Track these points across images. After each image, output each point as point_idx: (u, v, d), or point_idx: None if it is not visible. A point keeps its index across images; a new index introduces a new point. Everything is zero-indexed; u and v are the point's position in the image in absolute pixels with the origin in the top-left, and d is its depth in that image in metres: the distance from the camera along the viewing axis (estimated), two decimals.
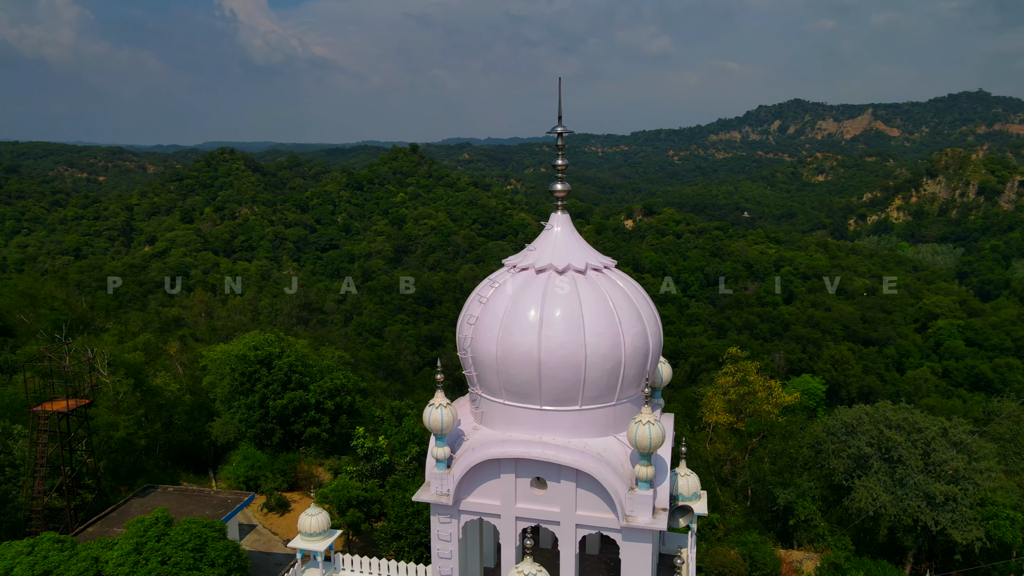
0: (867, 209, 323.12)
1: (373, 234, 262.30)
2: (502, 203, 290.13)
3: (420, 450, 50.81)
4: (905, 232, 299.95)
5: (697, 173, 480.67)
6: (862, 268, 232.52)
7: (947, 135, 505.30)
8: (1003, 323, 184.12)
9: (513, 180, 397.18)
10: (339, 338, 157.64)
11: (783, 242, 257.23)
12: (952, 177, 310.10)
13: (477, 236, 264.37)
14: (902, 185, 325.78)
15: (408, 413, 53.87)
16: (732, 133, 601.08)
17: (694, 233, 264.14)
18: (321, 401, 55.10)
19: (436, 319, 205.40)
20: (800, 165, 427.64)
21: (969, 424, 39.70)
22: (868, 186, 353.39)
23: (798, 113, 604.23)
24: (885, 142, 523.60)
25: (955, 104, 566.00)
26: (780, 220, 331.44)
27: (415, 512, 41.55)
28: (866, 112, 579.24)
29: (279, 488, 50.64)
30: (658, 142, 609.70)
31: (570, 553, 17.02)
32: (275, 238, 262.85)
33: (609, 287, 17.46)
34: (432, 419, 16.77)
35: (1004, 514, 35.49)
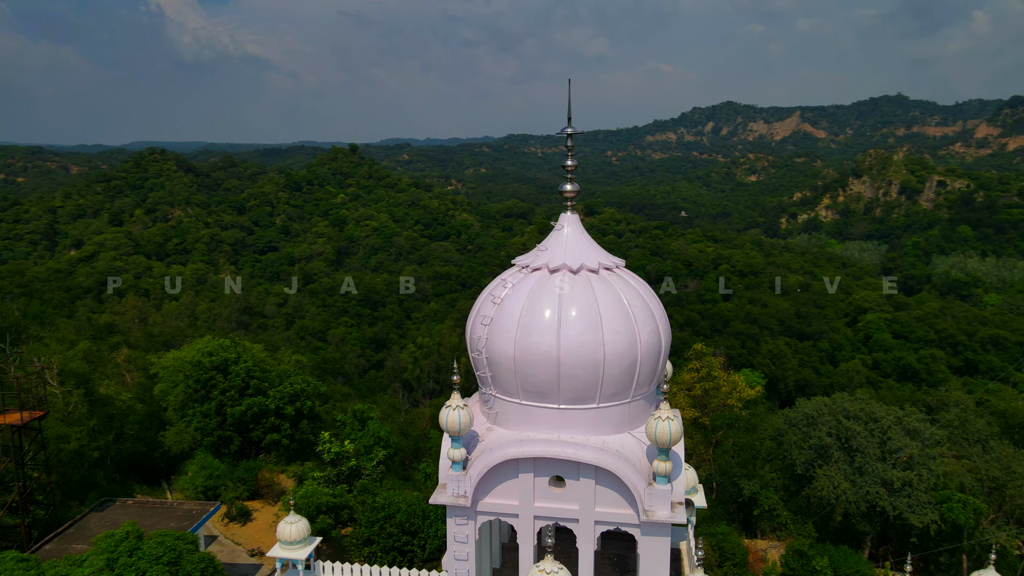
0: (798, 208, 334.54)
1: (314, 236, 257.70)
2: (444, 204, 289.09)
3: (387, 453, 50.40)
4: (833, 230, 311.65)
5: (635, 173, 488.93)
6: (795, 265, 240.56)
7: (869, 137, 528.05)
8: (926, 316, 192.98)
9: (454, 180, 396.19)
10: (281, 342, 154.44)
11: (720, 240, 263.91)
12: (876, 177, 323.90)
13: (420, 237, 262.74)
14: (830, 185, 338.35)
15: (371, 416, 53.29)
16: (668, 134, 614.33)
17: (635, 232, 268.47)
18: (281, 407, 53.95)
19: (380, 321, 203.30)
20: (733, 166, 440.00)
21: (920, 413, 41.76)
22: (798, 186, 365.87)
23: (730, 115, 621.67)
24: (812, 143, 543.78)
25: (876, 107, 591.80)
26: (716, 219, 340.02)
27: (387, 516, 41.19)
28: (794, 114, 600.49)
29: (240, 497, 49.38)
30: (596, 143, 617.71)
31: (588, 550, 17.25)
32: (211, 241, 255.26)
33: (622, 286, 17.77)
34: (450, 421, 16.74)
35: (956, 497, 37.45)
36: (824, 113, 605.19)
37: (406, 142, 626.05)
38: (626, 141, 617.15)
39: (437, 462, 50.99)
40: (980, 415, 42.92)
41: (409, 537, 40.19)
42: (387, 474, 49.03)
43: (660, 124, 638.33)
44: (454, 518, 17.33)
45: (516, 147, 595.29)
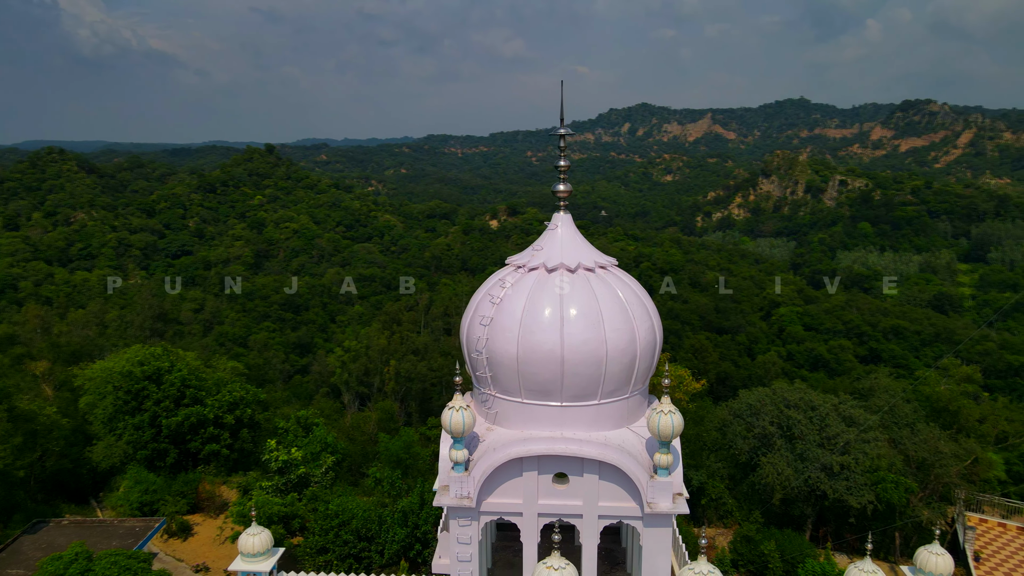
0: (712, 207, 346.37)
1: (231, 239, 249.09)
2: (366, 205, 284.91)
3: (336, 459, 49.42)
4: (745, 228, 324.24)
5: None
6: (712, 262, 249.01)
7: (776, 138, 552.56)
8: (834, 308, 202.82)
9: (374, 181, 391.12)
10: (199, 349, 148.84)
11: (641, 239, 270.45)
12: (783, 177, 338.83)
13: (342, 239, 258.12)
14: (741, 184, 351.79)
15: (317, 422, 52.16)
16: (586, 135, 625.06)
17: None
18: (220, 416, 52.09)
19: (304, 325, 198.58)
20: (650, 166, 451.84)
21: (854, 400, 44.20)
22: (711, 185, 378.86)
23: (646, 116, 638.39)
24: (723, 144, 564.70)
25: (781, 110, 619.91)
26: (635, 218, 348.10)
27: (341, 523, 40.49)
28: (706, 116, 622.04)
29: (180, 511, 47.45)
30: (516, 143, 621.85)
31: (592, 545, 17.55)
32: (118, 245, 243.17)
33: (618, 284, 18.16)
34: (453, 422, 16.70)
35: (890, 478, 39.84)
36: (734, 115, 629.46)
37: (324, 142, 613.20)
38: (545, 141, 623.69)
39: (387, 466, 50.31)
40: (907, 400, 45.95)
41: (366, 543, 39.62)
42: (337, 481, 48.13)
43: (578, 125, 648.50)
44: (457, 519, 17.31)
45: (436, 148, 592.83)
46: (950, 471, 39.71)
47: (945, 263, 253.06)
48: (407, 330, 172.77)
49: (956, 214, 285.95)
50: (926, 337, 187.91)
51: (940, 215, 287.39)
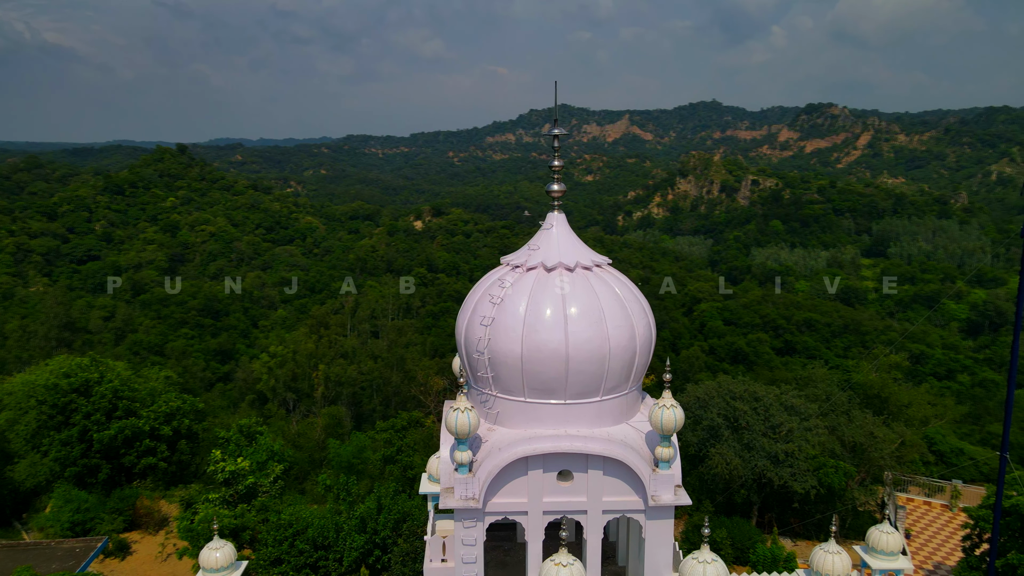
0: (632, 206, 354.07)
1: (142, 243, 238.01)
2: (286, 206, 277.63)
3: (284, 468, 48.05)
4: (665, 226, 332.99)
5: (477, 174, 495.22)
6: (635, 260, 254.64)
7: (691, 139, 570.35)
8: (751, 303, 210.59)
9: (293, 182, 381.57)
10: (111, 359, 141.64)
11: None
12: (699, 177, 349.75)
13: (262, 241, 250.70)
14: (660, 184, 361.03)
15: (260, 431, 50.59)
16: (507, 135, 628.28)
17: (483, 232, 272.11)
18: (156, 428, 49.86)
19: (224, 331, 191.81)
20: (571, 166, 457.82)
21: (794, 390, 46.21)
22: (631, 185, 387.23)
23: (565, 117, 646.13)
24: (641, 145, 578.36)
25: (695, 112, 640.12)
26: None
27: (296, 533, 39.46)
28: (624, 118, 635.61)
29: (117, 530, 45.22)
30: (437, 143, 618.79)
31: (596, 540, 17.76)
32: (17, 251, 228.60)
33: (615, 282, 18.46)
34: (459, 423, 16.59)
35: (830, 464, 41.88)
36: (650, 116, 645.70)
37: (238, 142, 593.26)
38: (467, 142, 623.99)
39: (338, 472, 49.29)
40: (842, 388, 48.36)
41: (323, 552, 38.73)
42: (286, 490, 46.82)
43: (499, 125, 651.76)
44: (462, 521, 17.20)
45: (356, 148, 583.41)
46: (883, 454, 42.03)
47: (850, 258, 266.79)
48: (335, 334, 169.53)
49: (858, 212, 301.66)
50: (836, 329, 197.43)
51: (844, 213, 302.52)
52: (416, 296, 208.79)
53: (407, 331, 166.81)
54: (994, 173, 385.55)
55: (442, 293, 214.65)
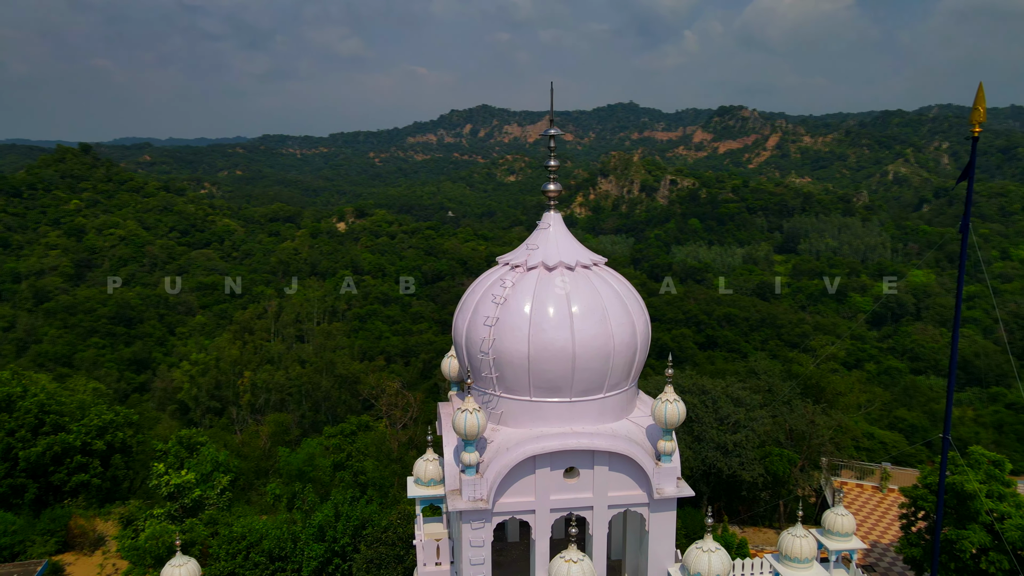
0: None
1: (44, 248, 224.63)
2: (202, 208, 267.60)
3: (231, 478, 46.34)
4: (588, 225, 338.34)
5: (399, 175, 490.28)
6: None
7: (610, 140, 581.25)
8: (673, 300, 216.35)
9: (207, 184, 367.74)
10: None
11: (491, 238, 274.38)
12: (620, 177, 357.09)
13: (177, 245, 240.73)
14: (582, 184, 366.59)
15: (202, 441, 48.68)
16: (428, 136, 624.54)
17: (407, 233, 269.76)
18: (88, 443, 47.24)
19: (139, 339, 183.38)
20: (493, 166, 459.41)
21: (739, 382, 47.89)
22: None
23: (486, 118, 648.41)
24: (562, 145, 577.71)
25: (613, 113, 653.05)
26: (482, 218, 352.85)
27: (250, 545, 38.24)
28: (544, 118, 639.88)
29: (49, 552, 42.64)
30: (357, 144, 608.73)
31: (601, 535, 17.96)
32: None
33: (613, 280, 18.73)
34: (468, 424, 16.47)
35: (775, 452, 43.63)
36: (570, 117, 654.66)
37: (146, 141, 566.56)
38: (387, 142, 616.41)
39: (288, 480, 47.95)
40: (784, 379, 50.48)
41: (280, 563, 37.66)
42: (234, 501, 45.17)
43: (420, 126, 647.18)
44: (470, 523, 17.08)
45: (273, 148, 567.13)
46: (824, 440, 44.12)
47: (764, 255, 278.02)
48: (260, 339, 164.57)
49: (770, 210, 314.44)
50: (753, 323, 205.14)
51: (757, 211, 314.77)
52: (343, 299, 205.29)
53: (336, 335, 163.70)
54: (891, 173, 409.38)
55: (368, 295, 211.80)
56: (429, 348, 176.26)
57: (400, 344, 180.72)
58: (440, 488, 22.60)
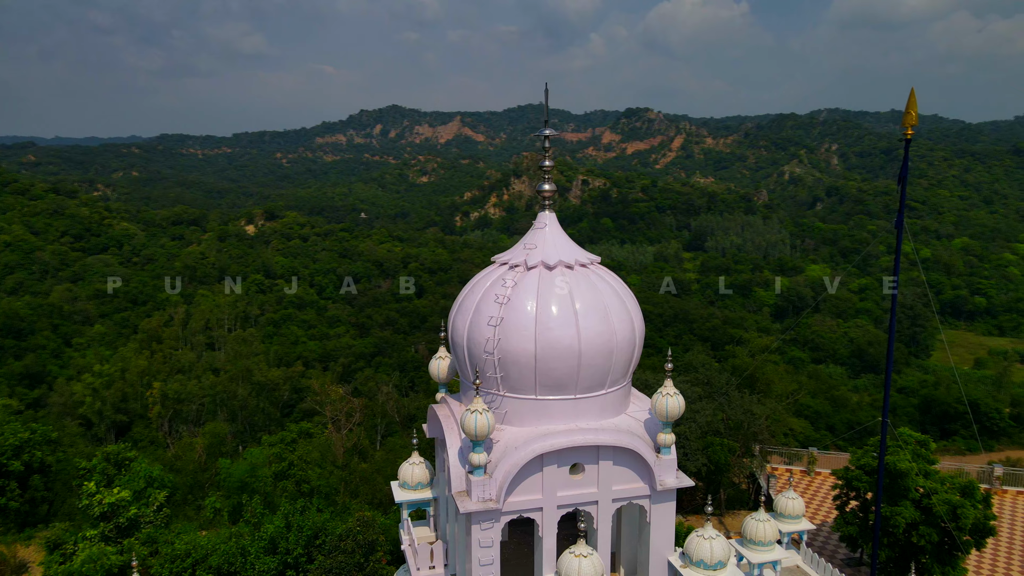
0: (469, 206, 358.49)
1: None
2: (97, 212, 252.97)
3: (167, 494, 44.06)
4: (502, 226, 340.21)
5: (308, 175, 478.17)
6: (478, 260, 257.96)
7: (521, 140, 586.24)
8: None
9: (100, 185, 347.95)
10: None
11: (406, 239, 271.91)
12: (533, 177, 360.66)
13: (70, 251, 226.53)
14: (495, 185, 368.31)
15: (130, 457, 46.12)
16: (337, 136, 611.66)
17: (320, 236, 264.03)
18: (4, 464, 43.96)
19: (30, 351, 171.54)
20: (406, 167, 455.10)
21: (680, 376, 49.41)
22: (467, 186, 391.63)
23: (397, 118, 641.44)
24: (474, 146, 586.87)
25: (524, 114, 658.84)
26: (396, 219, 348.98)
27: (196, 562, 36.66)
28: (455, 119, 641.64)
29: None
30: (263, 144, 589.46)
31: (606, 529, 18.22)
32: None
33: (609, 278, 19.04)
34: (479, 425, 16.38)
35: (716, 442, 45.32)
36: (481, 118, 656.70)
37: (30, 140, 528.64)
38: (295, 143, 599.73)
39: (225, 493, 46.14)
40: (721, 372, 52.42)
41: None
42: (172, 518, 42.96)
43: (329, 126, 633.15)
44: (479, 524, 16.99)
45: (172, 148, 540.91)
46: (760, 429, 46.15)
47: (674, 252, 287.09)
48: (169, 348, 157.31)
49: (678, 209, 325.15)
50: (667, 319, 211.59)
51: (666, 210, 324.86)
52: (255, 303, 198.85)
53: (251, 341, 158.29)
54: (787, 173, 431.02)
55: (282, 300, 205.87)
56: (348, 352, 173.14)
57: (318, 349, 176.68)
58: (427, 491, 22.40)
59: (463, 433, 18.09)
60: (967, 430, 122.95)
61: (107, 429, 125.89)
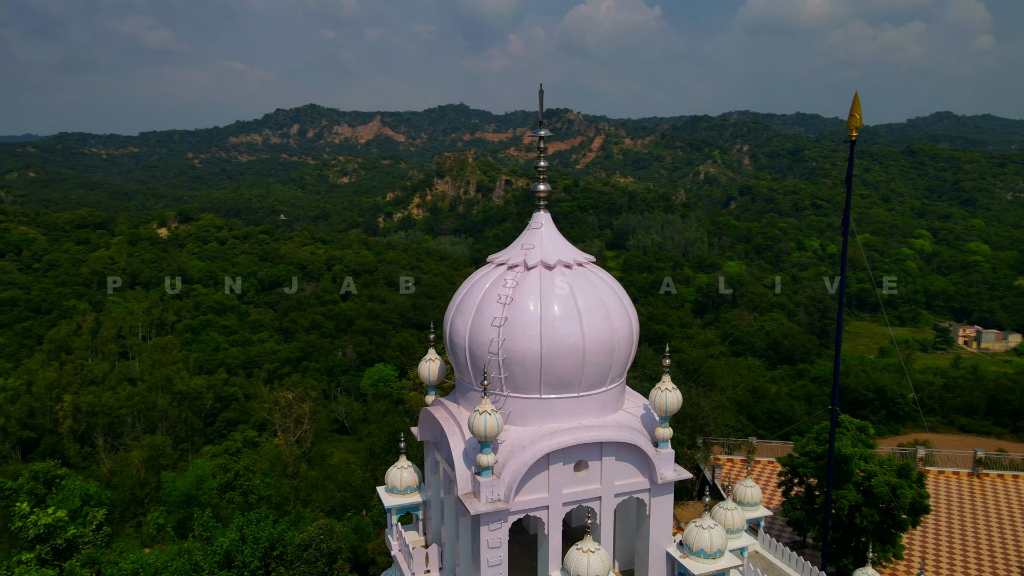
0: (392, 207, 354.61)
1: None
2: None
3: (105, 512, 41.70)
4: (426, 226, 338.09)
5: (223, 176, 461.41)
6: (403, 261, 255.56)
7: (442, 141, 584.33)
8: None
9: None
10: None
11: (329, 241, 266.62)
12: (456, 177, 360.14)
13: None
14: (418, 185, 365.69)
15: (61, 475, 43.54)
16: (253, 136, 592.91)
17: (239, 238, 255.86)
18: None
19: None
20: (325, 168, 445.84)
21: None
22: (389, 186, 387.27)
23: (315, 118, 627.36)
24: (394, 146, 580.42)
25: (445, 115, 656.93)
26: (317, 221, 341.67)
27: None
28: (375, 119, 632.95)
29: None
30: (173, 143, 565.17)
31: (609, 524, 18.42)
32: None
33: (606, 277, 19.25)
34: (488, 426, 16.26)
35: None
36: (401, 118, 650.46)
37: None
38: (207, 142, 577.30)
39: (168, 508, 44.23)
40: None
41: None
42: (113, 536, 40.73)
43: (243, 125, 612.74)
44: (487, 525, 16.88)
45: (73, 148, 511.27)
46: (707, 421, 47.57)
47: (598, 251, 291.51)
48: (79, 358, 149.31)
49: (600, 208, 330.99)
50: None
51: (588, 210, 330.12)
52: (171, 309, 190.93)
53: (170, 348, 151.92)
54: (702, 173, 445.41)
55: (200, 305, 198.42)
56: (273, 358, 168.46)
57: (241, 355, 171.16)
58: (416, 495, 22.10)
59: (467, 435, 17.97)
60: (875, 415, 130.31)
61: (12, 447, 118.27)
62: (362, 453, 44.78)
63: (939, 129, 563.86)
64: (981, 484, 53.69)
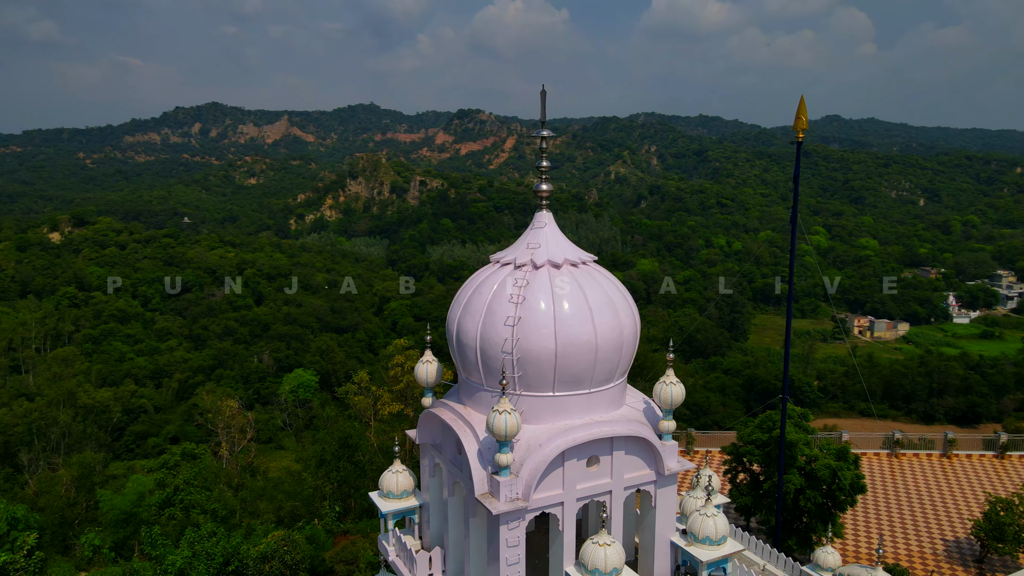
0: (304, 209, 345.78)
1: None
2: None
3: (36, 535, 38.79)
4: (339, 228, 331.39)
5: (118, 177, 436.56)
6: (318, 263, 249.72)
7: (353, 141, 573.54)
8: (437, 298, 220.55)
9: None
10: None
11: (239, 245, 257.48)
12: (369, 178, 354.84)
13: None
14: (330, 186, 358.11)
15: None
16: (151, 135, 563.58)
17: (141, 242, 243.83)
18: None
19: None
20: (231, 168, 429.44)
21: None
22: (300, 188, 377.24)
23: (218, 117, 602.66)
24: (303, 147, 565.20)
25: (355, 114, 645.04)
26: (224, 223, 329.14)
27: None
28: (283, 118, 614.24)
29: None
30: (61, 142, 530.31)
31: (619, 517, 18.66)
32: None
33: (609, 276, 19.46)
34: (508, 425, 16.18)
35: None
36: (310, 118, 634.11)
37: None
38: (100, 141, 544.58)
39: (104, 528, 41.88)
40: None
41: None
42: (47, 563, 37.91)
43: (140, 124, 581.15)
44: (506, 524, 16.78)
45: None
46: None
47: None
48: None
49: (515, 208, 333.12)
50: None
51: (503, 210, 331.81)
52: (67, 319, 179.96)
53: (72, 360, 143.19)
54: (612, 173, 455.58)
55: (100, 313, 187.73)
56: (184, 366, 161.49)
57: (148, 364, 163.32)
58: (412, 499, 21.73)
59: (480, 435, 17.86)
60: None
61: None
62: (311, 461, 43.54)
63: (829, 132, 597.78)
64: (900, 463, 57.40)
